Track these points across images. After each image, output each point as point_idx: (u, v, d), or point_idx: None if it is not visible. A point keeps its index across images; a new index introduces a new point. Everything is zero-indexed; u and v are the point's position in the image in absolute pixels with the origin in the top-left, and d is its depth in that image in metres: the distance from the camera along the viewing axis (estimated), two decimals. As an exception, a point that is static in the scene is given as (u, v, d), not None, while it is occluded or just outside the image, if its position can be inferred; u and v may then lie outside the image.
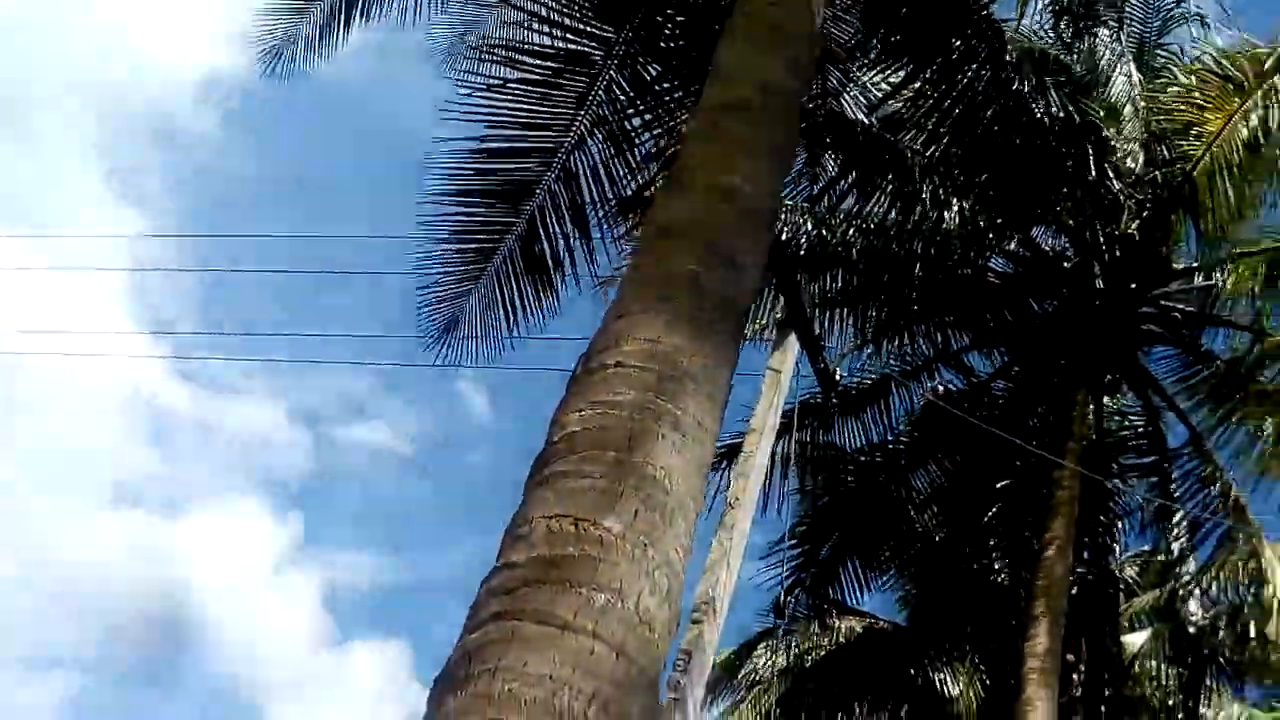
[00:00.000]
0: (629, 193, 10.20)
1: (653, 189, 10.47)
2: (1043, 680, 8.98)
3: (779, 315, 10.60)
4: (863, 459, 13.41)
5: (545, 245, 9.98)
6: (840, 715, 13.70)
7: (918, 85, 10.35)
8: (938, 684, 12.25)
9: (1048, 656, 9.13)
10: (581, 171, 9.82)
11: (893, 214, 11.86)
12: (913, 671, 12.42)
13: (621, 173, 10.05)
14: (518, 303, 10.09)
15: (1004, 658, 10.96)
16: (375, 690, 40.89)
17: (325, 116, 38.35)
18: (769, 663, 14.28)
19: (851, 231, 12.48)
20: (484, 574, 3.96)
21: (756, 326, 11.59)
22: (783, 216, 10.96)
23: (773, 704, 13.63)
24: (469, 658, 3.57)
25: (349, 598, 45.10)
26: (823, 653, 14.00)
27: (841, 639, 13.72)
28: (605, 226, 10.23)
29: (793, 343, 10.65)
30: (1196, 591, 11.62)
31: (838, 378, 12.54)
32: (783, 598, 12.27)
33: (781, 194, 7.47)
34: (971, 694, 12.24)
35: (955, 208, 11.88)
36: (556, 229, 9.99)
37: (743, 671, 14.67)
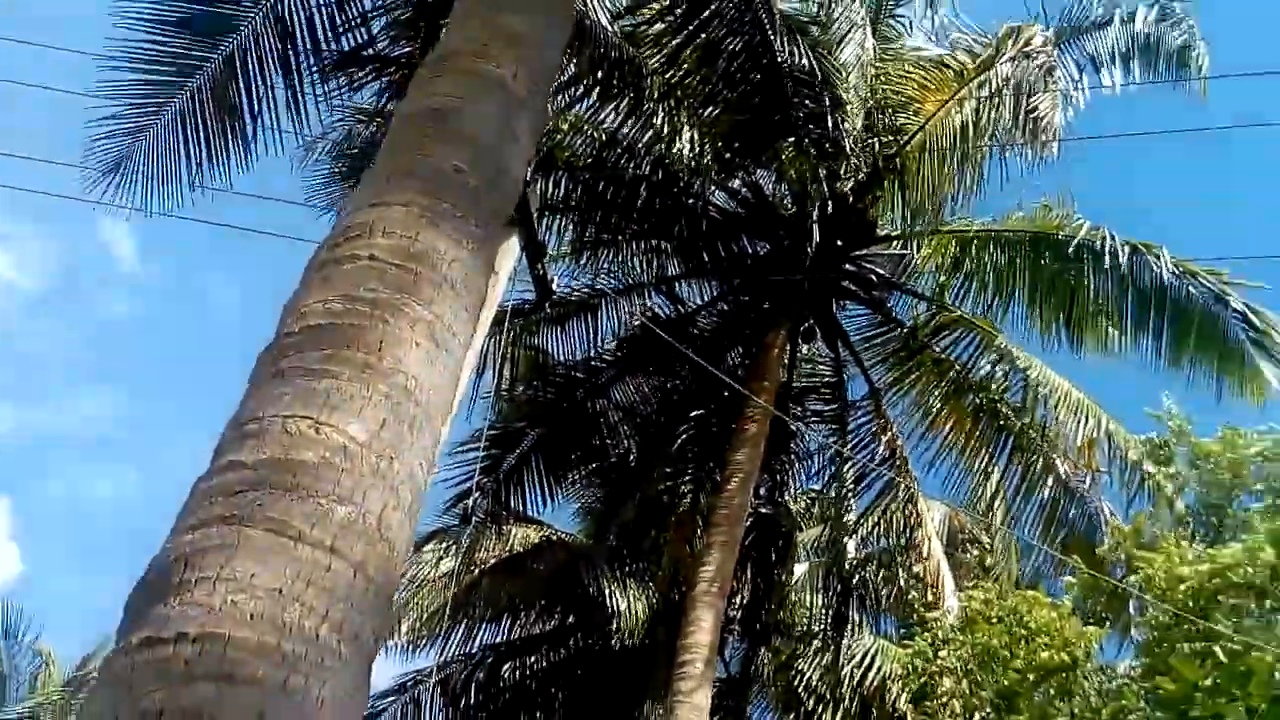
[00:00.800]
0: (346, 49, 9.69)
1: (374, 49, 9.99)
2: (710, 603, 9.67)
3: (502, 215, 10.38)
4: (564, 370, 13.70)
5: (242, 92, 9.29)
6: (506, 617, 14.13)
7: (666, 2, 10.51)
8: (608, 597, 12.88)
9: (719, 581, 9.83)
10: (292, 15, 9.17)
11: (626, 129, 12.08)
12: (586, 583, 12.98)
13: (340, 25, 9.51)
14: (203, 150, 9.40)
15: (676, 578, 11.70)
16: (-37, 547, 37.17)
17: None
18: (437, 563, 14.37)
19: (581, 139, 12.55)
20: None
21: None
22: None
23: (439, 605, 13.78)
24: (184, 563, 3.31)
25: (-63, 443, 40.22)
26: (495, 558, 14.31)
27: (518, 546, 14.07)
28: (316, 82, 9.68)
29: (514, 244, 10.58)
30: (856, 533, 12.94)
31: (554, 285, 12.74)
32: (471, 501, 12.35)
33: (550, 91, 7.34)
34: (640, 609, 12.98)
35: (688, 135, 12.26)
36: (258, 75, 9.32)
37: (410, 571, 14.69)
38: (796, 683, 12.49)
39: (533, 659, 14.07)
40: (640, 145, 12.22)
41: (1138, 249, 10.94)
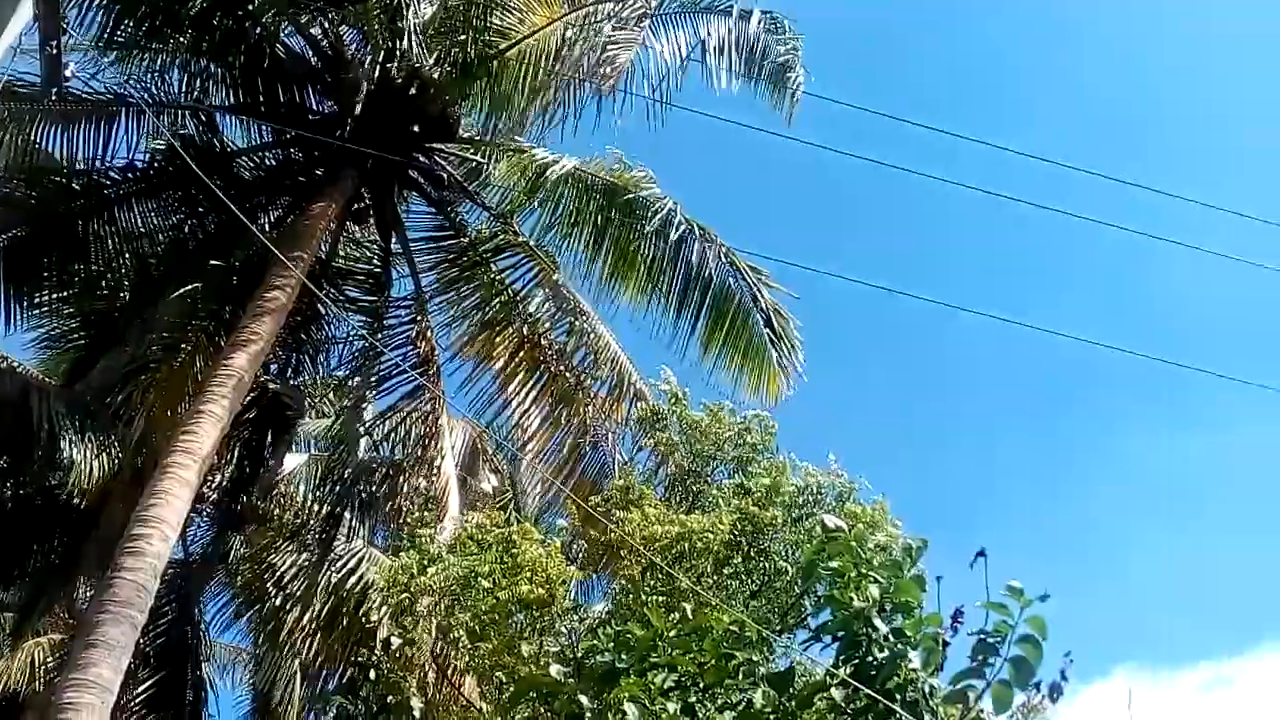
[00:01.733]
0: None
1: None
2: (184, 477, 8.80)
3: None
4: (60, 175, 12.03)
5: None
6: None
7: None
8: (64, 445, 11.44)
9: (199, 454, 9.04)
10: None
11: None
12: (35, 423, 11.40)
13: None
14: None
15: (149, 442, 10.69)
16: None
17: None
18: None
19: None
20: None
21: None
22: None
23: None
24: None
25: None
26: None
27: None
28: None
29: (27, 7, 9.16)
30: (370, 434, 12.62)
31: (67, 72, 11.12)
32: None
33: None
34: (98, 468, 11.69)
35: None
36: None
37: None
38: (267, 576, 12.02)
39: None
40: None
41: (695, 228, 11.77)
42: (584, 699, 6.17)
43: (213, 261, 11.31)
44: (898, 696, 5.52)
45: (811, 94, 12.03)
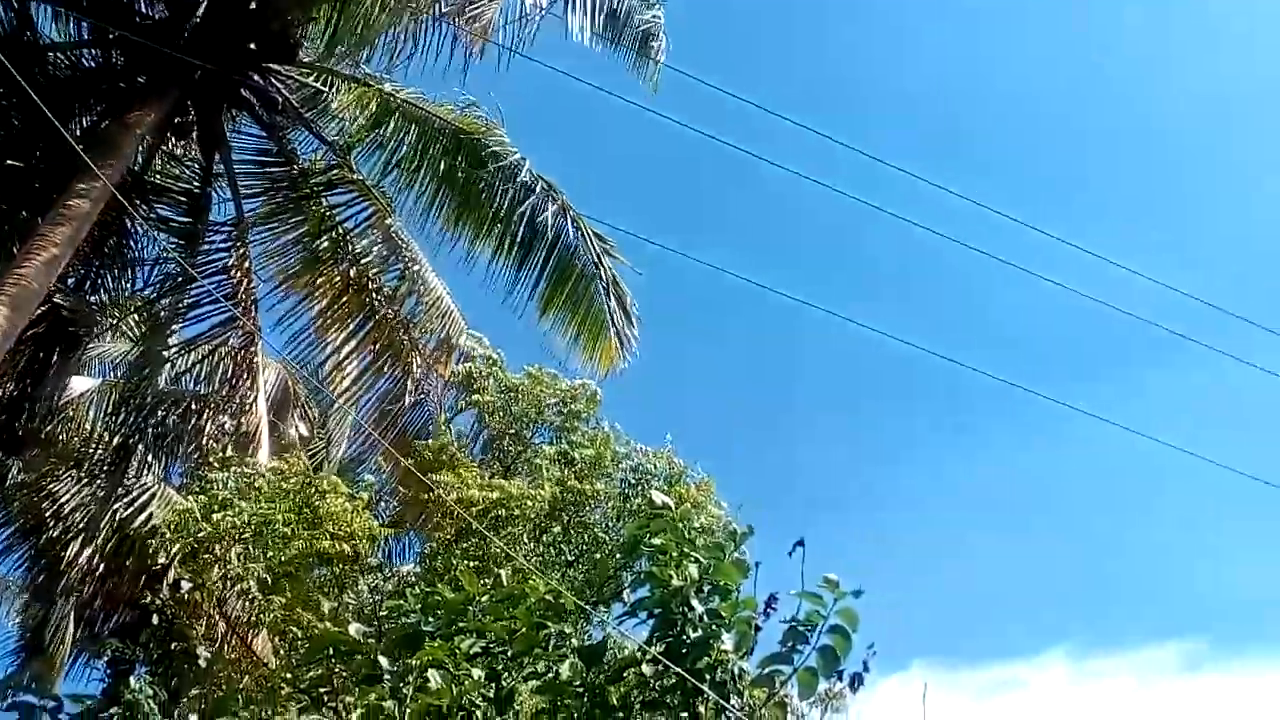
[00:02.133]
0: None
1: None
2: None
3: None
4: None
5: None
6: None
7: None
8: None
9: (-22, 374, 8.28)
10: None
11: None
12: None
13: None
14: None
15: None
16: None
17: None
18: None
19: None
20: None
21: None
22: None
23: None
24: None
25: None
26: None
27: None
28: None
29: None
30: (174, 364, 11.74)
31: None
32: None
33: None
34: None
35: None
36: None
37: None
38: (46, 505, 11.07)
39: None
40: None
41: (543, 185, 11.45)
42: (384, 660, 5.91)
43: (11, 162, 10.32)
44: (707, 677, 5.50)
45: (675, 68, 11.85)
